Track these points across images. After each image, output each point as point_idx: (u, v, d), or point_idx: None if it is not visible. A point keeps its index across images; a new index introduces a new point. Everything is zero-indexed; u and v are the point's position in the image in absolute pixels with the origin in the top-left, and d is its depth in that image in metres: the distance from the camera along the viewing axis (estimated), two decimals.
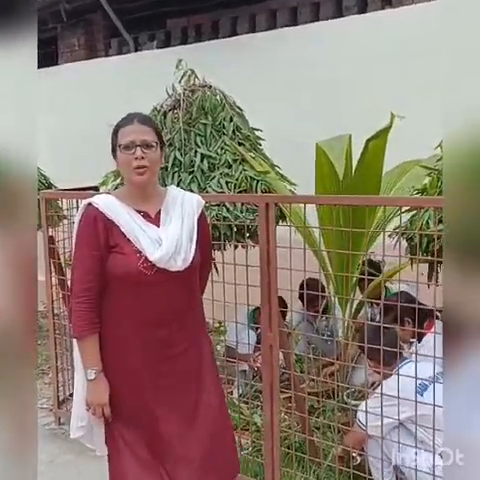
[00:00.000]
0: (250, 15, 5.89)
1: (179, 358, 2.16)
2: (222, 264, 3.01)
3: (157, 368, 2.13)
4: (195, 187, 3.53)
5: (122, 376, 2.12)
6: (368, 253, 3.40)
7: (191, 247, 2.15)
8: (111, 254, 2.09)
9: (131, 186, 2.16)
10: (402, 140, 3.38)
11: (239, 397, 3.49)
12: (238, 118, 3.87)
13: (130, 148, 2.08)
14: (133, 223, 2.10)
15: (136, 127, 2.12)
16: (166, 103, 3.94)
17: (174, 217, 2.17)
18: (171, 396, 2.14)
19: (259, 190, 3.54)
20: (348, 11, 5.18)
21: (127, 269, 2.07)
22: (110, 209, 2.10)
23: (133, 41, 6.96)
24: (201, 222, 2.25)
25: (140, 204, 2.15)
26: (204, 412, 2.18)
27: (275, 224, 2.45)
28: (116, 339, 2.12)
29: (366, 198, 2.67)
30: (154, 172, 2.16)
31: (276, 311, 2.47)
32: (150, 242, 2.08)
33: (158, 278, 2.09)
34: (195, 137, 3.72)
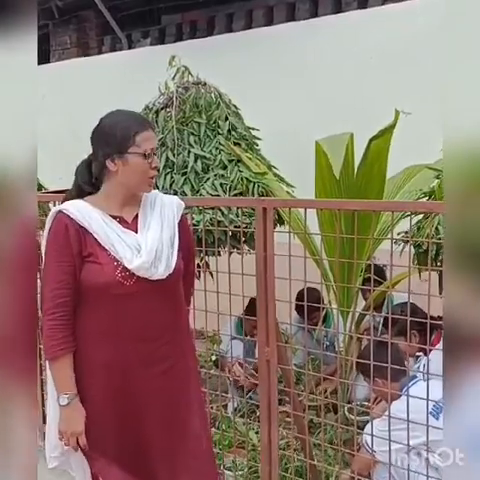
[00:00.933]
0: (246, 11, 5.72)
1: (165, 376, 1.98)
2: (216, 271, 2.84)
3: (142, 388, 1.94)
4: (188, 189, 3.35)
5: (101, 401, 1.93)
6: (371, 259, 3.21)
7: (173, 253, 1.98)
8: (85, 264, 1.91)
9: (119, 190, 1.98)
10: (406, 140, 3.22)
11: (234, 411, 3.30)
12: (234, 117, 3.69)
13: (149, 156, 1.94)
14: (108, 230, 1.92)
15: (152, 134, 1.99)
16: (158, 101, 3.77)
17: (153, 222, 2.00)
18: (158, 421, 1.96)
19: (256, 192, 3.35)
20: (348, 6, 5.01)
21: (104, 279, 1.89)
22: (82, 215, 1.92)
23: (126, 38, 6.78)
24: (182, 226, 2.08)
25: (115, 209, 1.98)
26: (192, 439, 2.00)
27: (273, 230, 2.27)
28: (93, 359, 1.92)
29: (373, 203, 2.51)
30: None
31: (274, 323, 2.28)
32: (128, 249, 1.91)
33: (138, 288, 1.91)
34: (188, 136, 3.54)
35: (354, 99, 4.58)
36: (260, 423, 2.38)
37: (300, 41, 4.91)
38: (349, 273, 3.24)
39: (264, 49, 5.12)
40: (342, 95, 4.69)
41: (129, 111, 2.08)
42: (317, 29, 4.87)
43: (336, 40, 4.73)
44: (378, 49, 4.55)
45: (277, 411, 2.33)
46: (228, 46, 5.36)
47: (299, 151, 4.71)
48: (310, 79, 4.87)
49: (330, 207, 2.45)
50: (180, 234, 2.03)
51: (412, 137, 2.97)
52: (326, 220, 3.16)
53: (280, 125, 4.67)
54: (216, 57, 5.12)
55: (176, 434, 2.00)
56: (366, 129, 3.22)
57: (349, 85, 4.66)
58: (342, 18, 4.80)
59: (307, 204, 2.40)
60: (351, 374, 3.33)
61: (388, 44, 4.51)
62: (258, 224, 2.25)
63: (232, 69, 4.98)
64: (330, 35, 4.78)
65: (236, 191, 3.35)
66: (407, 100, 3.97)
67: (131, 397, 1.94)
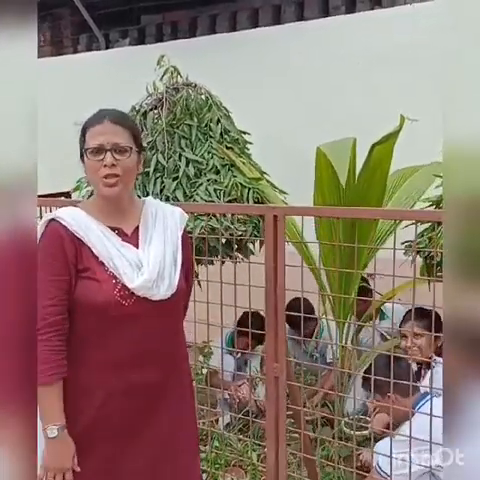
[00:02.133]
0: (231, 13, 5.61)
1: (161, 407, 1.79)
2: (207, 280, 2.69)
3: (135, 421, 1.76)
4: (180, 194, 3.21)
5: (91, 435, 1.73)
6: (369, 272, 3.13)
7: (176, 270, 1.79)
8: (80, 280, 1.70)
9: (101, 198, 1.78)
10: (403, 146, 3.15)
11: (226, 427, 3.17)
12: (226, 120, 3.57)
13: (98, 153, 1.71)
14: (107, 242, 1.72)
15: (107, 127, 1.73)
16: (146, 102, 3.62)
17: (155, 235, 1.80)
18: (151, 455, 1.78)
19: (251, 199, 3.24)
20: (335, 11, 4.94)
21: (101, 298, 1.68)
22: (79, 225, 1.71)
23: (104, 38, 6.59)
24: (184, 239, 1.88)
25: (114, 220, 1.77)
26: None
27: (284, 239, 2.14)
28: (87, 388, 1.72)
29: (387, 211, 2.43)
30: (128, 182, 1.77)
31: (283, 338, 2.16)
32: (128, 266, 1.71)
33: (138, 309, 1.71)
34: (179, 140, 3.40)
35: (341, 103, 4.52)
36: (267, 443, 2.24)
37: (287, 44, 4.83)
38: (346, 283, 3.15)
39: (249, 52, 5.02)
40: (329, 99, 4.63)
41: (105, 108, 1.87)
42: (304, 32, 4.79)
43: (324, 44, 4.67)
44: (366, 54, 4.51)
45: (285, 432, 2.20)
46: (212, 48, 5.24)
47: (287, 156, 4.65)
48: (296, 83, 4.80)
49: (342, 215, 2.33)
50: (182, 249, 1.86)
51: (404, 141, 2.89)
52: (323, 228, 3.06)
53: (266, 129, 4.56)
54: (199, 59, 4.99)
55: (167, 471, 1.83)
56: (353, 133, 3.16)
57: (336, 89, 4.60)
58: (330, 22, 4.73)
59: (318, 212, 2.28)
60: (348, 387, 3.23)
61: (376, 49, 4.47)
62: (268, 233, 2.12)
63: (216, 71, 4.86)
64: (318, 39, 4.71)
65: (230, 197, 3.23)
66: (395, 104, 3.95)
67: (127, 428, 1.75)
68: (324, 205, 2.95)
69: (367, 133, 2.90)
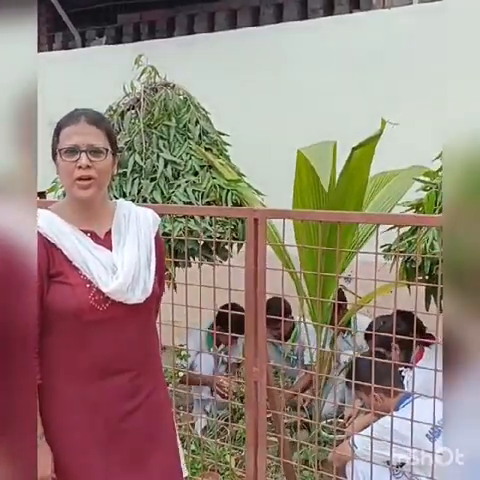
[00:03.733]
0: (209, 13, 5.58)
1: (133, 416, 1.74)
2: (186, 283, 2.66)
3: (113, 428, 1.71)
4: (158, 196, 3.17)
5: (67, 442, 1.68)
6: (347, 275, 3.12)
7: (150, 273, 1.75)
8: (53, 285, 1.65)
9: (74, 201, 1.72)
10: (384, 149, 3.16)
11: (204, 429, 3.13)
12: (204, 121, 3.54)
13: (73, 154, 1.66)
14: (80, 246, 1.67)
15: (82, 128, 1.68)
16: (124, 102, 3.56)
17: (128, 238, 1.75)
18: (128, 463, 1.73)
19: (229, 201, 3.22)
20: (314, 14, 4.95)
21: (74, 303, 1.63)
22: (50, 228, 1.66)
23: (80, 36, 6.50)
24: (157, 242, 1.84)
25: (86, 223, 1.72)
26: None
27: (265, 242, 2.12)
28: (63, 395, 1.68)
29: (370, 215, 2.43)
30: (102, 185, 1.72)
31: (263, 342, 2.14)
32: (103, 269, 1.67)
33: (113, 314, 1.67)
34: (157, 140, 3.36)
35: (320, 104, 4.53)
36: (245, 448, 2.22)
37: (265, 45, 4.82)
38: (324, 286, 3.14)
39: (228, 52, 5.00)
40: (308, 100, 4.63)
41: (81, 108, 1.81)
42: (283, 34, 4.79)
43: (302, 46, 4.67)
44: (344, 56, 4.52)
45: (265, 437, 2.18)
46: (190, 48, 5.20)
47: (265, 157, 4.64)
48: (275, 84, 4.79)
49: (324, 219, 2.31)
50: (156, 252, 1.81)
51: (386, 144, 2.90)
52: (301, 231, 3.04)
53: (244, 130, 4.54)
54: (177, 59, 4.95)
55: (147, 474, 1.79)
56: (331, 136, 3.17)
57: (314, 90, 4.61)
58: (309, 24, 4.74)
59: (300, 215, 2.26)
60: (325, 391, 3.23)
61: (353, 51, 4.49)
62: (249, 236, 2.10)
63: (194, 72, 4.84)
64: (296, 40, 4.71)
65: (209, 199, 3.21)
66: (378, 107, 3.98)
67: (104, 435, 1.70)
68: (304, 208, 2.94)
69: (347, 136, 2.90)
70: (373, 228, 3.13)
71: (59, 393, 1.68)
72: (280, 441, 2.36)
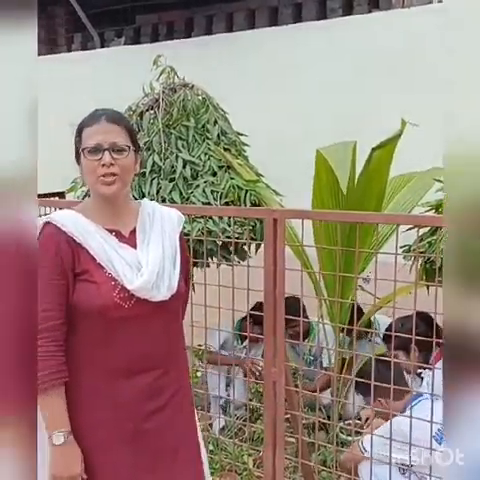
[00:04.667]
0: (227, 14, 5.58)
1: (159, 414, 1.75)
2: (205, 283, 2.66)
3: (137, 427, 1.71)
4: (177, 196, 3.18)
5: (93, 440, 1.69)
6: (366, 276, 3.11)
7: (175, 271, 1.76)
8: (78, 283, 1.67)
9: (98, 199, 1.75)
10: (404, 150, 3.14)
11: (222, 430, 3.13)
12: (223, 121, 3.54)
13: (96, 152, 1.68)
14: (105, 245, 1.69)
15: (104, 126, 1.71)
16: (142, 102, 3.58)
17: (153, 237, 1.77)
18: (153, 462, 1.74)
19: (248, 201, 3.21)
20: (332, 13, 4.93)
21: (100, 301, 1.65)
22: (76, 228, 1.68)
23: (99, 37, 6.54)
24: (181, 241, 1.86)
25: (111, 221, 1.74)
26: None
27: (284, 243, 2.12)
28: (85, 392, 1.69)
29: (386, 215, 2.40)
30: (126, 182, 1.74)
31: (282, 343, 2.14)
32: (128, 267, 1.69)
33: (138, 311, 1.68)
34: (176, 140, 3.36)
35: (339, 105, 4.51)
36: (264, 448, 2.22)
37: (283, 45, 4.81)
38: (343, 287, 3.13)
39: (246, 52, 5.00)
40: (326, 101, 4.62)
41: (101, 108, 1.83)
42: (301, 34, 4.77)
43: (321, 46, 4.65)
44: (364, 56, 4.49)
45: (283, 437, 2.17)
46: (208, 48, 5.21)
47: (284, 158, 4.64)
48: (293, 84, 4.78)
49: (343, 219, 2.30)
50: (180, 251, 1.83)
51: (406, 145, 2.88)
52: (321, 231, 3.03)
53: (261, 131, 4.54)
54: (195, 59, 4.97)
55: (171, 474, 1.80)
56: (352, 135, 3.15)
57: (333, 91, 4.59)
58: (327, 24, 4.72)
59: (319, 216, 2.26)
60: (343, 391, 3.21)
61: (373, 51, 4.47)
62: (268, 236, 2.09)
63: (212, 72, 4.85)
64: (315, 40, 4.69)
65: (227, 199, 3.20)
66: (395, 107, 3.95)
67: (129, 434, 1.71)
68: (323, 209, 2.93)
69: (368, 135, 2.89)
70: (393, 229, 3.11)
71: (85, 391, 1.69)
72: (298, 442, 2.35)
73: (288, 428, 2.68)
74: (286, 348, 3.72)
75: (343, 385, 3.22)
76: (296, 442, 2.53)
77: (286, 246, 2.94)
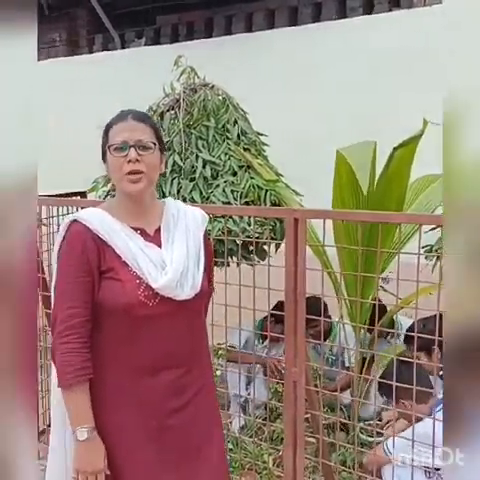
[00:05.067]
0: (246, 14, 5.58)
1: (183, 412, 1.76)
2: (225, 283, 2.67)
3: (161, 424, 1.73)
4: (197, 196, 3.20)
5: (117, 437, 1.71)
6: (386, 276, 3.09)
7: (199, 270, 1.78)
8: (104, 281, 1.69)
9: (124, 197, 1.77)
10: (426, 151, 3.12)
11: (241, 429, 3.14)
12: (243, 121, 3.55)
13: (122, 149, 1.70)
14: (130, 243, 1.71)
15: (130, 124, 1.73)
16: (163, 102, 3.60)
17: (177, 235, 1.79)
18: (177, 459, 1.76)
19: (268, 201, 3.22)
20: (353, 12, 4.91)
21: (125, 299, 1.67)
22: (102, 226, 1.70)
23: (119, 38, 6.59)
24: (206, 240, 1.88)
25: (136, 220, 1.76)
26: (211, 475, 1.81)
27: (305, 243, 2.12)
28: (109, 389, 1.71)
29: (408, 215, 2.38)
30: (151, 180, 1.75)
31: (303, 343, 2.14)
32: (152, 266, 1.70)
33: (162, 309, 1.70)
34: (196, 140, 3.38)
35: (359, 105, 4.48)
36: (284, 448, 2.22)
37: (303, 45, 4.80)
38: (363, 287, 3.12)
39: (266, 52, 5.00)
40: (346, 100, 4.60)
41: (123, 110, 1.85)
42: (321, 33, 4.76)
43: (341, 45, 4.63)
44: (385, 55, 4.47)
45: (304, 437, 2.17)
46: (228, 48, 5.22)
47: (303, 157, 4.63)
48: (313, 84, 4.77)
49: (364, 219, 2.29)
50: (204, 250, 1.85)
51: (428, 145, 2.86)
52: (341, 231, 3.03)
53: (282, 131, 4.54)
54: (215, 59, 4.98)
55: (195, 471, 1.81)
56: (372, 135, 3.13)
57: (353, 90, 4.56)
58: (348, 23, 4.70)
59: (340, 215, 2.25)
60: (364, 392, 3.20)
61: (394, 50, 4.44)
62: (289, 236, 2.10)
63: (232, 72, 4.85)
64: (335, 40, 4.68)
65: (247, 199, 3.21)
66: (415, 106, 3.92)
67: (153, 431, 1.74)
68: (343, 208, 2.93)
69: (387, 135, 2.87)
70: (415, 229, 3.10)
71: (109, 388, 1.71)
72: (319, 442, 2.35)
73: (307, 428, 2.68)
74: (307, 348, 3.76)
75: (364, 385, 3.21)
76: (316, 442, 2.53)
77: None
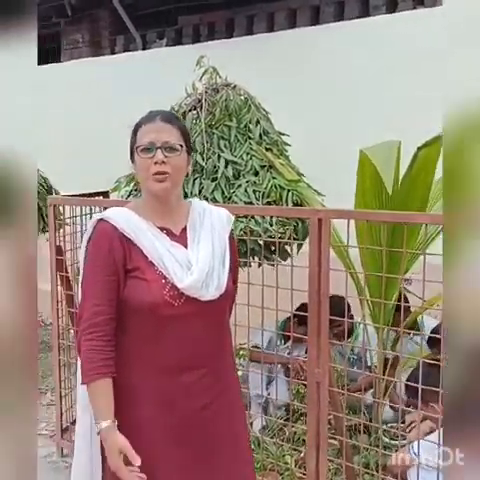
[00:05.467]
0: (268, 14, 5.57)
1: (208, 411, 1.76)
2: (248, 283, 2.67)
3: (185, 423, 1.73)
4: (219, 196, 3.20)
5: (139, 436, 1.70)
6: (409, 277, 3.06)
7: (224, 271, 1.78)
8: (129, 280, 1.70)
9: (150, 197, 1.78)
10: None
11: (263, 430, 3.13)
12: (265, 121, 3.54)
13: (149, 151, 1.72)
14: (157, 242, 1.72)
15: (158, 126, 1.74)
16: (185, 103, 3.61)
17: (203, 236, 1.79)
18: (200, 458, 1.76)
19: (290, 201, 3.21)
20: (376, 11, 4.87)
21: (150, 298, 1.68)
22: (128, 225, 1.72)
23: (141, 38, 6.62)
24: (231, 241, 1.88)
25: (162, 220, 1.77)
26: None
27: (329, 243, 2.11)
28: (132, 388, 1.72)
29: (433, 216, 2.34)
30: (177, 181, 1.77)
31: (326, 344, 2.12)
32: (178, 266, 1.71)
33: (187, 310, 1.70)
34: (218, 140, 3.39)
35: (382, 105, 4.44)
36: (307, 449, 2.21)
37: (325, 45, 4.77)
38: (386, 287, 3.09)
39: (287, 52, 4.98)
40: (369, 100, 4.56)
41: (152, 110, 1.87)
42: (344, 33, 4.73)
43: (364, 44, 4.59)
44: (408, 54, 4.42)
45: (327, 439, 2.16)
46: (249, 48, 5.22)
47: (325, 157, 4.61)
48: (335, 84, 4.74)
49: (389, 219, 2.27)
50: (230, 250, 1.85)
51: None
52: (364, 231, 3.00)
53: (305, 130, 4.52)
54: (236, 59, 4.97)
55: (219, 470, 1.81)
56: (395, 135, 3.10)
57: (377, 90, 4.52)
58: (370, 22, 4.66)
59: (365, 215, 2.23)
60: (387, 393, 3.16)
61: (418, 49, 4.39)
62: (312, 236, 2.08)
63: (254, 72, 4.85)
64: (358, 39, 4.64)
65: (269, 199, 3.20)
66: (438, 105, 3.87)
67: (176, 431, 1.74)
68: (366, 209, 2.90)
69: (411, 135, 2.84)
70: (438, 230, 3.06)
71: (133, 387, 1.72)
72: (341, 444, 2.33)
73: (329, 429, 2.66)
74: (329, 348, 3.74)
75: (386, 386, 3.18)
76: (338, 444, 2.51)
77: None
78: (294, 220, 3.05)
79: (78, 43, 7.23)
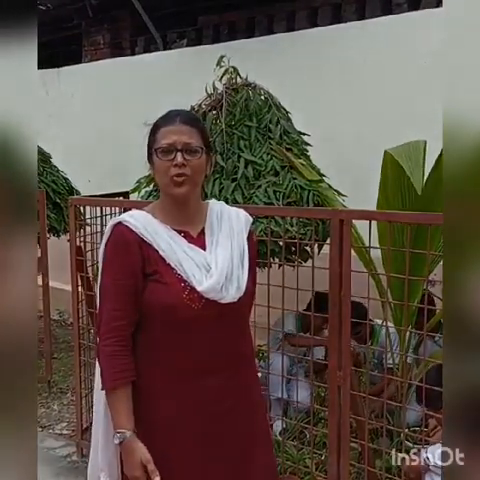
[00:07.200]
0: (288, 13, 5.53)
1: (229, 415, 1.74)
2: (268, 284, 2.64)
3: (204, 428, 1.71)
4: (239, 196, 3.18)
5: (160, 440, 1.69)
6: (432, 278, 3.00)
7: (243, 273, 1.75)
8: (148, 283, 1.68)
9: (168, 199, 1.76)
10: None
11: (283, 432, 3.10)
12: (285, 121, 3.52)
13: (169, 153, 1.69)
14: (175, 246, 1.70)
15: (178, 127, 1.71)
16: (205, 103, 3.60)
17: (221, 238, 1.77)
18: (224, 464, 1.74)
19: (310, 201, 3.18)
20: (398, 8, 4.80)
21: (169, 301, 1.66)
22: (146, 229, 1.70)
23: (161, 39, 6.62)
24: (250, 242, 1.84)
25: (180, 222, 1.75)
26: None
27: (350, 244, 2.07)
28: (150, 392, 1.70)
29: None
30: (196, 183, 1.74)
31: (348, 347, 2.09)
32: (196, 268, 1.69)
33: (207, 312, 1.68)
34: (238, 141, 3.37)
35: (404, 104, 4.38)
36: (328, 453, 2.18)
37: (347, 44, 4.72)
38: (409, 289, 3.04)
39: (309, 52, 4.94)
40: (392, 100, 4.49)
41: (171, 110, 1.84)
42: (366, 31, 4.67)
43: (387, 43, 4.53)
44: (431, 53, 4.34)
45: (348, 443, 2.12)
46: (270, 48, 5.18)
47: (346, 158, 4.56)
48: (357, 83, 4.68)
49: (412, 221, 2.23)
50: (249, 251, 1.82)
51: None
52: (386, 232, 2.95)
53: (326, 130, 4.48)
54: (257, 59, 4.95)
55: (243, 472, 1.79)
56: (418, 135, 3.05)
57: (399, 89, 4.46)
58: (393, 20, 4.59)
59: (388, 216, 2.20)
60: (407, 398, 3.11)
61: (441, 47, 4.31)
62: (334, 237, 2.05)
63: (274, 72, 4.81)
64: (380, 38, 4.58)
65: (289, 199, 3.18)
66: None
67: (197, 435, 1.72)
68: (388, 210, 2.86)
69: (433, 135, 2.79)
70: None
71: (153, 391, 1.71)
72: (363, 448, 2.30)
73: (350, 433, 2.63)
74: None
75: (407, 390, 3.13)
76: (359, 448, 2.47)
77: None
78: (315, 221, 3.02)
79: (99, 44, 7.26)
